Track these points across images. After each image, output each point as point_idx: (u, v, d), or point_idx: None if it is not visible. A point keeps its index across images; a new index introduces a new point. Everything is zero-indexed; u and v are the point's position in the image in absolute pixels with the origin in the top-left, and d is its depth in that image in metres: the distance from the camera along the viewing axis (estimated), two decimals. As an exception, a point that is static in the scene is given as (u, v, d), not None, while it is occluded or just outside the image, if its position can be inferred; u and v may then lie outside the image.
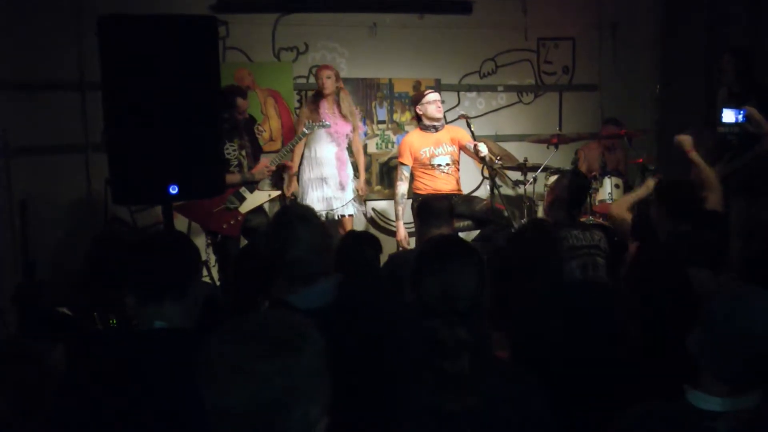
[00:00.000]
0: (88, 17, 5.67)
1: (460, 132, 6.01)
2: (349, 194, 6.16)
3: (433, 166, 5.97)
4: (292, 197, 6.14)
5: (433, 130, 5.95)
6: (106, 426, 2.04)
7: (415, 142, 5.99)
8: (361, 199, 6.39)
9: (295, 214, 2.60)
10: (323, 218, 5.95)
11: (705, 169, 4.62)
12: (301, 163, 6.17)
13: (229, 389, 1.36)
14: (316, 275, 2.51)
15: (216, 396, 1.38)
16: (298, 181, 6.16)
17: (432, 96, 5.97)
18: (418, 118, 6.06)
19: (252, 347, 1.39)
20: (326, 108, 6.02)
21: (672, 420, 1.91)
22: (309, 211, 2.67)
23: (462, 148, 6.05)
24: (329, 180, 6.08)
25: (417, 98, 6.07)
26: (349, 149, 6.31)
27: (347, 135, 6.12)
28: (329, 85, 6.01)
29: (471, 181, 6.58)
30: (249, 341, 1.40)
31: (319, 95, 6.09)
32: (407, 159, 6.01)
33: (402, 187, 6.07)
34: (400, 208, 6.05)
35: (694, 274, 2.94)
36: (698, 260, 3.21)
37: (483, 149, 5.68)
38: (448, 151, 5.99)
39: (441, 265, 2.06)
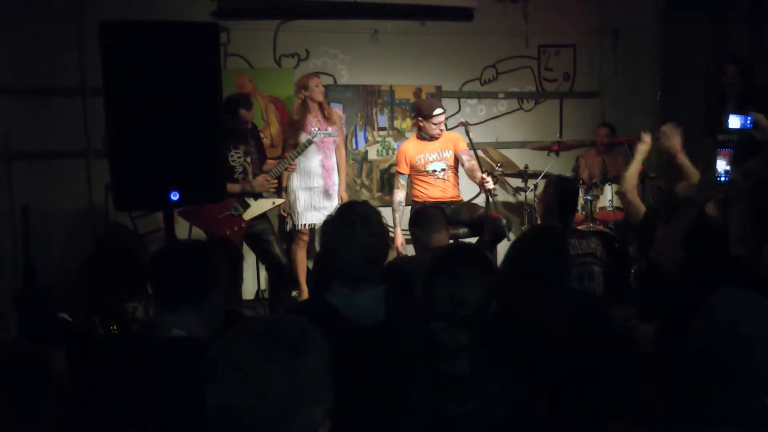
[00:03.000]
0: (89, 23, 5.69)
1: (458, 138, 5.99)
2: (335, 202, 6.01)
3: (428, 172, 5.96)
4: (284, 213, 6.11)
5: (429, 139, 5.96)
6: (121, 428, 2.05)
7: (410, 150, 5.99)
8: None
9: (358, 214, 2.50)
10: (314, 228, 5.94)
11: (693, 173, 4.48)
12: (291, 174, 6.06)
13: (234, 388, 1.38)
14: (360, 281, 2.47)
15: (220, 394, 1.39)
16: (286, 191, 6.06)
17: (439, 118, 5.90)
18: (417, 126, 6.04)
19: (258, 348, 1.40)
20: (311, 118, 5.95)
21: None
22: (373, 215, 2.54)
23: (457, 156, 6.03)
24: (315, 189, 6.02)
25: (423, 111, 5.99)
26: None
27: (334, 141, 6.07)
28: (320, 92, 5.95)
29: (470, 188, 6.57)
30: (255, 342, 1.42)
31: (303, 106, 5.98)
32: (403, 168, 6.01)
33: (399, 195, 6.06)
34: (397, 215, 6.04)
35: None
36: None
37: (490, 184, 5.65)
38: (443, 157, 5.97)
39: (452, 271, 2.07)
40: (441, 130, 5.92)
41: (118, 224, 6.03)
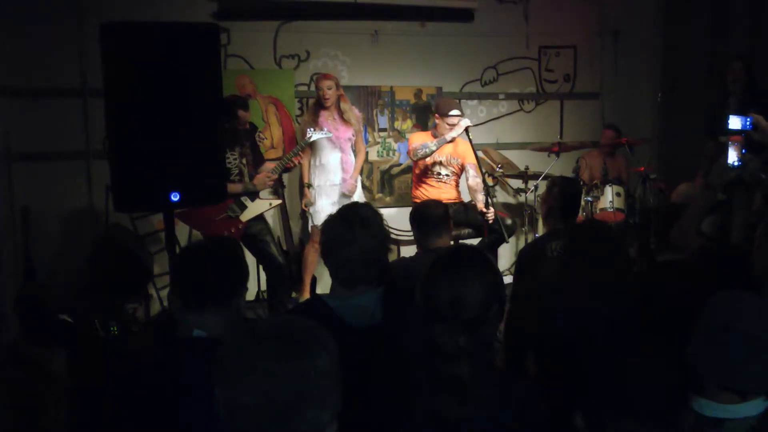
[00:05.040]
0: (90, 24, 5.69)
1: (468, 151, 5.94)
2: (355, 199, 6.05)
3: (432, 172, 5.95)
4: (306, 207, 6.09)
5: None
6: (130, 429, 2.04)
7: (426, 140, 5.93)
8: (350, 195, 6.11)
9: (359, 215, 2.51)
10: None
11: None
12: (310, 172, 6.15)
13: (243, 387, 1.38)
14: (357, 282, 2.48)
15: (229, 393, 1.40)
16: (309, 188, 6.11)
17: (453, 120, 5.79)
18: (434, 122, 5.97)
19: (268, 347, 1.41)
20: (326, 116, 5.99)
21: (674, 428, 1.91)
22: (373, 216, 2.55)
23: (463, 167, 6.00)
24: (333, 188, 6.05)
25: (441, 108, 5.92)
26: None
27: (350, 139, 6.09)
28: (331, 96, 5.96)
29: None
30: (265, 342, 1.42)
31: (319, 104, 6.05)
32: (438, 143, 5.85)
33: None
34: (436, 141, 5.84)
35: None
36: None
37: (490, 216, 5.64)
38: (451, 163, 5.97)
39: (454, 273, 2.06)
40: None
41: (119, 225, 6.03)
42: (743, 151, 4.94)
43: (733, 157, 4.99)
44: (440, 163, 5.97)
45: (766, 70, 5.84)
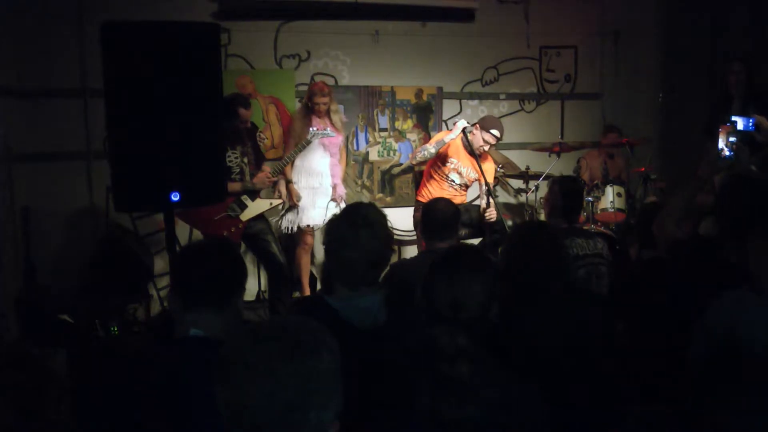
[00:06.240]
0: (90, 24, 5.69)
1: (490, 170, 5.93)
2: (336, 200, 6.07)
3: (447, 177, 5.92)
4: (297, 202, 6.04)
5: (470, 152, 5.85)
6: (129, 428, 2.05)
7: (452, 147, 5.89)
8: (339, 202, 6.11)
9: (362, 215, 2.50)
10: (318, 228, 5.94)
11: None
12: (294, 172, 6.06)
13: (245, 387, 1.38)
14: (360, 283, 2.47)
15: (231, 394, 1.39)
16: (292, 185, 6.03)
17: (491, 139, 5.80)
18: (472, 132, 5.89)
19: (270, 348, 1.41)
20: (318, 122, 5.93)
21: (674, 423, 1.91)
22: (377, 217, 2.53)
23: (478, 180, 5.97)
24: (319, 190, 6.03)
25: (486, 122, 5.88)
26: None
27: (338, 144, 6.09)
28: (322, 110, 5.91)
29: (471, 190, 6.57)
30: (268, 342, 1.42)
31: (309, 109, 5.98)
32: (436, 145, 5.82)
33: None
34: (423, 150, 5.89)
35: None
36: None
37: (492, 215, 5.65)
38: (469, 176, 5.93)
39: (453, 274, 2.06)
40: (482, 152, 5.85)
41: (119, 225, 6.02)
42: (732, 139, 4.92)
43: (721, 144, 4.97)
44: (458, 173, 5.93)
45: (766, 70, 5.84)
